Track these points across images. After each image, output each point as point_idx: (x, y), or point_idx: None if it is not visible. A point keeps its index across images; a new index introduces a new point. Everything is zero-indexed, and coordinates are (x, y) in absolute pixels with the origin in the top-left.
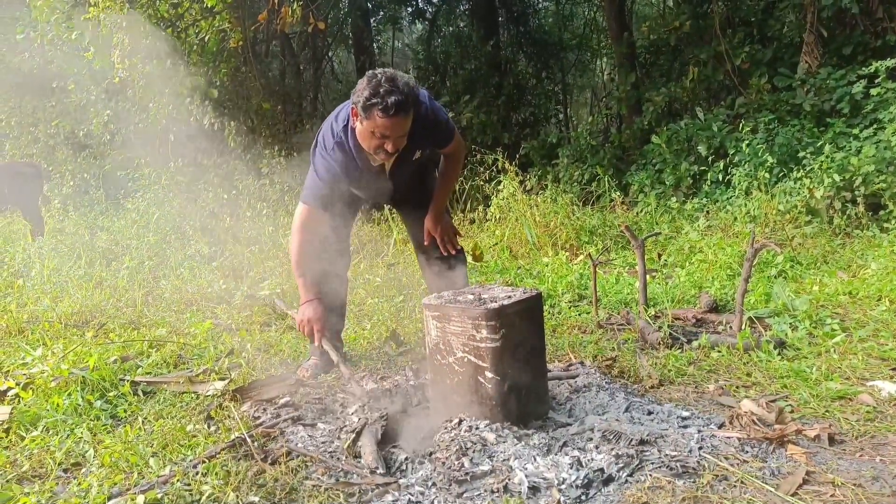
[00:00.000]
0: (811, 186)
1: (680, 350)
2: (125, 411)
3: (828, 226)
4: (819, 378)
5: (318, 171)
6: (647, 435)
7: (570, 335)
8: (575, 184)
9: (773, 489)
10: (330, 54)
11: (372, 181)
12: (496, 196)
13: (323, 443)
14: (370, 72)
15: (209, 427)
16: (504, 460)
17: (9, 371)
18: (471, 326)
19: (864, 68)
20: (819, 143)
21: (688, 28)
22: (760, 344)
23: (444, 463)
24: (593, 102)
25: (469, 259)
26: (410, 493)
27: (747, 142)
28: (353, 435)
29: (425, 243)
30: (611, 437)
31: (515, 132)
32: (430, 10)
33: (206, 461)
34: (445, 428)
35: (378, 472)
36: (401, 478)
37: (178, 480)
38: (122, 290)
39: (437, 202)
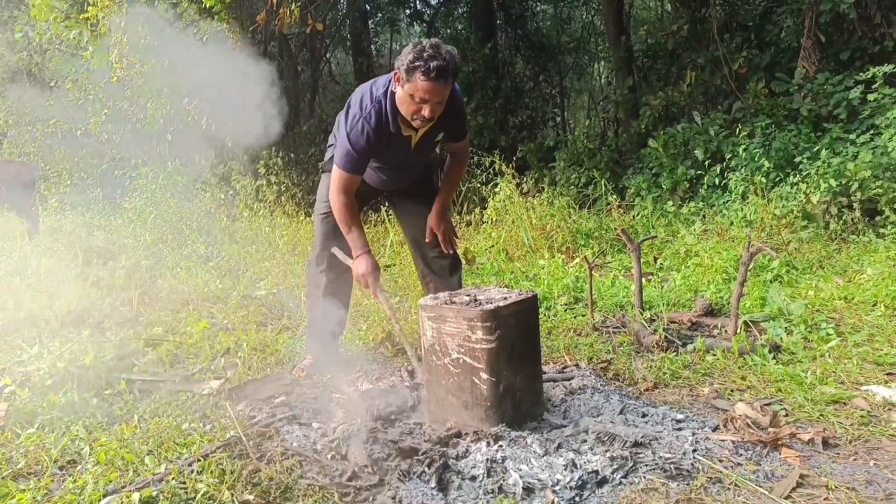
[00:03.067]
0: (807, 191)
1: (675, 353)
2: (121, 409)
3: (824, 231)
4: (813, 382)
5: (350, 137)
6: (642, 437)
7: (565, 337)
8: (572, 187)
9: (766, 492)
10: (328, 56)
11: (398, 151)
12: (493, 198)
13: (317, 442)
14: (416, 40)
15: (204, 426)
16: (499, 461)
17: (5, 368)
18: (466, 328)
19: (861, 74)
20: (816, 149)
21: (685, 32)
22: (755, 348)
23: (441, 464)
24: (591, 106)
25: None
26: (404, 494)
27: (744, 146)
28: (343, 436)
29: (426, 240)
30: (605, 438)
31: (512, 135)
32: (428, 12)
33: (202, 459)
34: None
35: (368, 471)
36: (395, 478)
37: (173, 478)
38: (119, 289)
39: (442, 200)
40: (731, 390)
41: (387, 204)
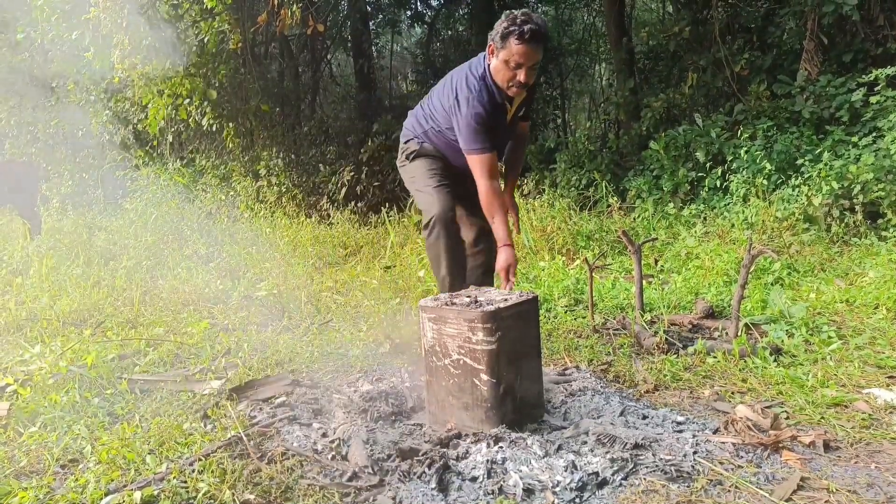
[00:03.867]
0: (809, 194)
1: (675, 355)
2: (122, 409)
3: (825, 233)
4: (815, 385)
5: (466, 119)
6: (642, 439)
7: (565, 339)
8: (572, 189)
9: (767, 494)
10: (329, 57)
11: (499, 126)
12: None
13: (318, 443)
14: (508, 11)
15: (205, 426)
16: (499, 462)
17: (7, 368)
18: (467, 329)
19: (864, 76)
20: (818, 151)
21: (687, 34)
22: (756, 350)
23: (441, 464)
24: (592, 107)
25: None
26: (404, 495)
27: (745, 149)
28: (344, 436)
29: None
30: (605, 440)
31: None
32: (428, 13)
33: (203, 459)
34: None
35: (368, 472)
36: (395, 479)
37: (174, 478)
38: (120, 290)
39: (511, 183)
40: (732, 392)
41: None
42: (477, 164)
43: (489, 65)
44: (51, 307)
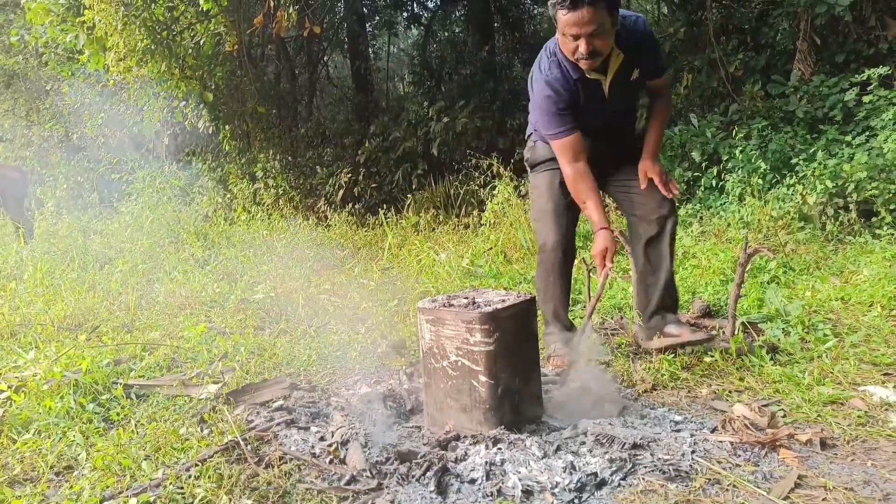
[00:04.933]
0: (804, 193)
1: (673, 355)
2: (118, 414)
3: (820, 232)
4: (811, 383)
5: (536, 104)
6: (640, 439)
7: None
8: None
9: (765, 493)
10: (325, 59)
11: (592, 100)
12: (491, 201)
13: (315, 447)
14: None
15: (202, 430)
16: (498, 464)
17: (1, 374)
18: (464, 330)
19: (856, 76)
20: (812, 150)
21: (682, 35)
22: (753, 349)
23: (439, 467)
24: None
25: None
26: (403, 498)
27: (741, 148)
28: (341, 440)
29: (642, 186)
30: (604, 441)
31: (510, 137)
32: (425, 15)
33: (199, 464)
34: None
35: (366, 475)
36: (393, 482)
37: (170, 483)
38: (116, 294)
39: (652, 145)
40: (729, 391)
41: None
42: (557, 149)
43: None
44: (45, 312)
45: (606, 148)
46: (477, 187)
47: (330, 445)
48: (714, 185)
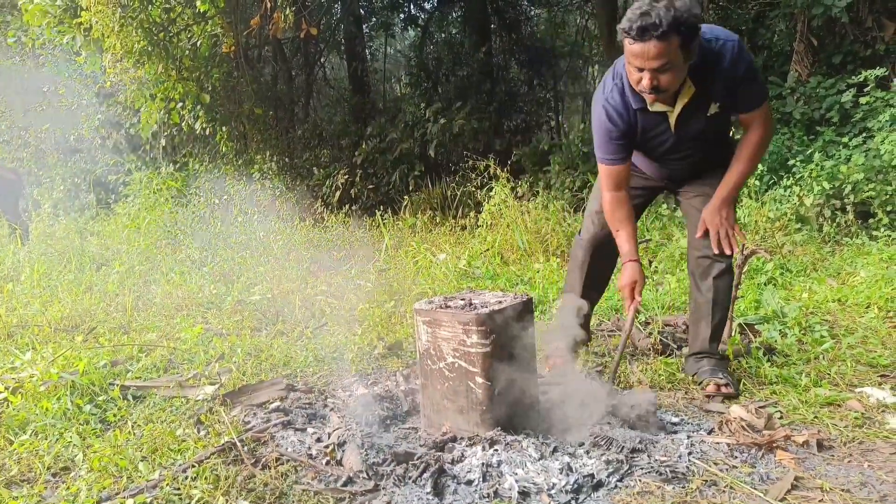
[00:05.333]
0: (801, 194)
1: (670, 356)
2: (114, 415)
3: (817, 233)
4: (808, 384)
5: (593, 123)
6: (637, 440)
7: None
8: (566, 190)
9: (761, 494)
10: (322, 60)
11: (657, 132)
12: (487, 202)
13: (312, 448)
14: None
15: (199, 431)
16: (494, 465)
17: None
18: (461, 331)
19: (853, 77)
20: (809, 152)
21: None
22: (750, 350)
23: (436, 468)
24: (585, 110)
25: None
26: (399, 499)
27: None
28: (338, 441)
29: (697, 235)
30: (601, 442)
31: (507, 139)
32: (422, 16)
33: (196, 465)
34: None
35: (363, 476)
36: (390, 483)
37: (167, 485)
38: (112, 295)
39: (724, 187)
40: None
41: (670, 197)
42: (602, 173)
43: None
44: (42, 313)
45: (684, 169)
46: (474, 188)
47: (326, 447)
48: None
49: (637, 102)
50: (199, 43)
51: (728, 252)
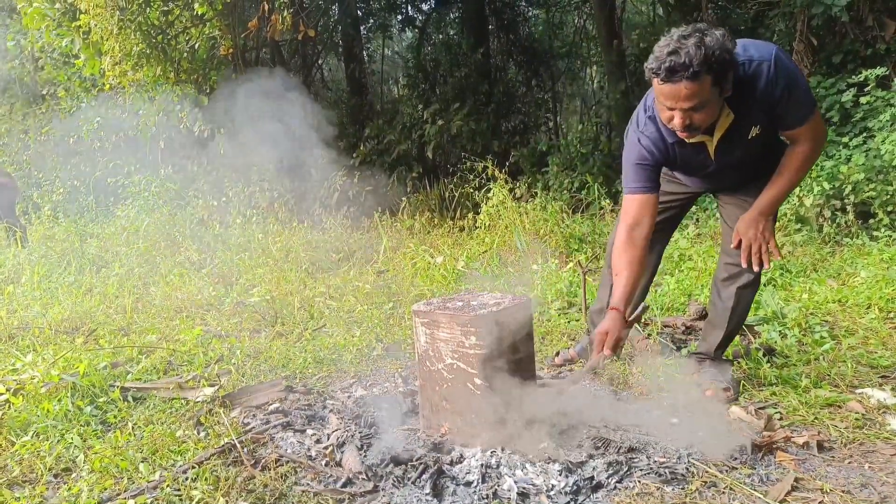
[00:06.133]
0: (801, 195)
1: (669, 357)
2: (115, 417)
3: (817, 234)
4: (808, 385)
5: (625, 155)
6: (636, 442)
7: (559, 342)
8: (565, 191)
9: (761, 496)
10: (320, 62)
11: (696, 161)
12: (486, 203)
13: (312, 449)
14: (667, 30)
15: (199, 433)
16: (493, 467)
17: None
18: (460, 333)
19: (854, 77)
20: None
21: None
22: (750, 351)
23: (435, 469)
24: (583, 110)
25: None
26: (399, 500)
27: None
28: (337, 442)
29: (731, 245)
30: (600, 443)
31: (505, 140)
32: (420, 17)
33: (196, 467)
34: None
35: (362, 478)
36: (389, 484)
37: (167, 486)
38: (112, 297)
39: (764, 199)
40: None
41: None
42: (625, 203)
43: None
44: (43, 315)
45: (729, 181)
46: (472, 190)
47: (326, 448)
48: None
49: (672, 136)
50: (197, 45)
51: (757, 269)
